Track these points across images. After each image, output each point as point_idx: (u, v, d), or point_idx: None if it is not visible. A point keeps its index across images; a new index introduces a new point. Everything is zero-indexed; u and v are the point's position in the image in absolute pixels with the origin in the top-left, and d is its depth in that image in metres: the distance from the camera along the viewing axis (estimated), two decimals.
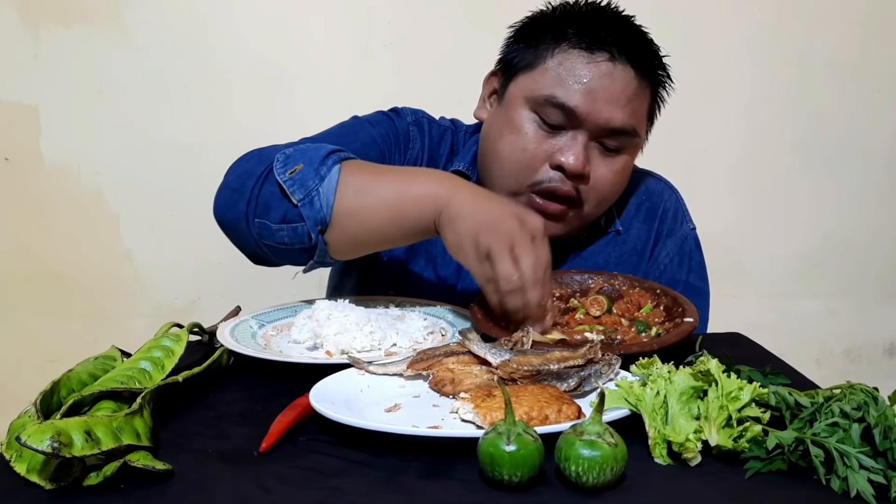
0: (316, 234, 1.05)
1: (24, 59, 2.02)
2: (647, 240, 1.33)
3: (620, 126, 1.17)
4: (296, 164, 1.05)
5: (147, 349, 0.94)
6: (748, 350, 1.11)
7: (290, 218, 1.04)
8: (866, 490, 0.67)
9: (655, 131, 1.30)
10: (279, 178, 1.05)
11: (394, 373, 0.91)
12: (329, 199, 1.04)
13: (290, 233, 1.05)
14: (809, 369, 1.01)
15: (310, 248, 1.07)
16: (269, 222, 1.06)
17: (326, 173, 1.04)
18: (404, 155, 1.30)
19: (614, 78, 1.15)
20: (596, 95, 1.15)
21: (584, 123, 1.16)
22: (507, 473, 0.67)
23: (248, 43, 2.06)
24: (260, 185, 1.06)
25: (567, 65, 1.16)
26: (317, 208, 1.03)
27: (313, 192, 1.03)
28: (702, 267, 1.36)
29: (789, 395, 0.80)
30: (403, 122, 1.33)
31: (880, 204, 2.32)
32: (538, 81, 1.18)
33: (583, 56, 1.16)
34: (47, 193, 2.10)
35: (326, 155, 1.06)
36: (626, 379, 0.82)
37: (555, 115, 1.16)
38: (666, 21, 2.15)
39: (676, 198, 1.38)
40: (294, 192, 1.03)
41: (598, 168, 1.19)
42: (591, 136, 1.17)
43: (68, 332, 2.12)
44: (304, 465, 0.74)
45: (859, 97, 2.24)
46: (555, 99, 1.15)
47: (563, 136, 1.17)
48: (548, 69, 1.18)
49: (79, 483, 0.69)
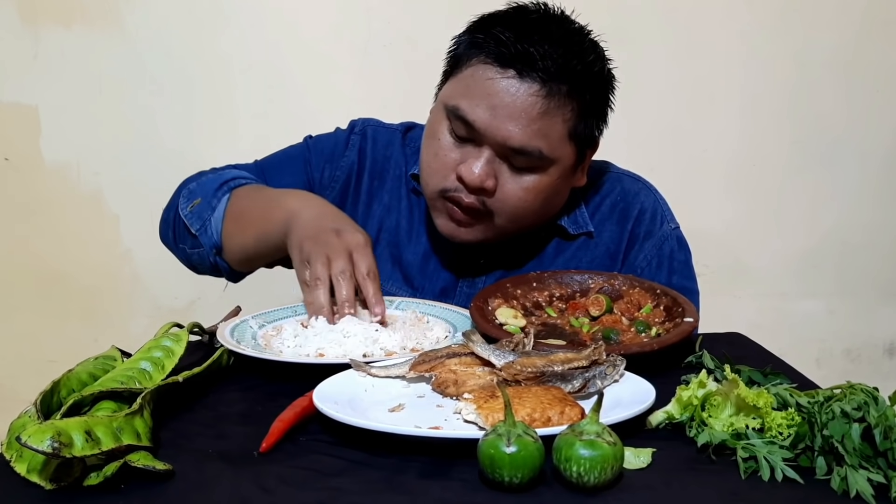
0: (213, 257, 1.26)
1: (23, 59, 2.02)
2: (619, 241, 1.29)
3: (519, 146, 1.11)
4: (195, 199, 1.26)
5: (147, 349, 0.94)
6: (748, 350, 1.11)
7: (195, 245, 1.26)
8: (866, 490, 0.67)
9: (655, 131, 1.30)
10: (181, 213, 1.26)
11: (396, 375, 0.91)
12: (218, 227, 1.23)
13: (199, 256, 1.28)
14: (809, 369, 1.01)
15: (215, 267, 1.28)
16: (186, 247, 1.29)
17: (217, 204, 1.24)
18: (337, 163, 1.34)
19: (518, 95, 1.10)
20: (497, 112, 1.10)
21: (485, 139, 1.13)
22: (507, 475, 0.67)
23: (247, 43, 2.06)
24: (175, 216, 1.29)
25: (476, 77, 1.13)
26: (209, 235, 1.24)
27: (207, 223, 1.24)
28: (687, 266, 1.32)
29: (790, 396, 0.80)
30: (345, 133, 1.37)
31: (880, 203, 2.32)
32: (453, 90, 1.16)
33: (491, 69, 1.11)
34: (47, 193, 2.10)
35: (219, 187, 1.25)
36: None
37: (460, 127, 1.14)
38: (665, 21, 2.16)
39: (655, 198, 1.33)
40: (192, 223, 1.25)
41: (507, 183, 1.15)
42: (496, 152, 1.13)
43: (68, 332, 2.12)
44: (304, 465, 0.74)
45: (858, 96, 2.24)
46: (458, 111, 1.13)
47: (470, 147, 1.15)
48: (461, 78, 1.15)
49: (79, 483, 0.69)
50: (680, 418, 0.81)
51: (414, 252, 1.32)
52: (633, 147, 2.12)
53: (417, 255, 1.32)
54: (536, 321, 1.11)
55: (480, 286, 1.27)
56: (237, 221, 1.22)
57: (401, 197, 1.33)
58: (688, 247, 1.33)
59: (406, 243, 1.32)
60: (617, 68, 1.22)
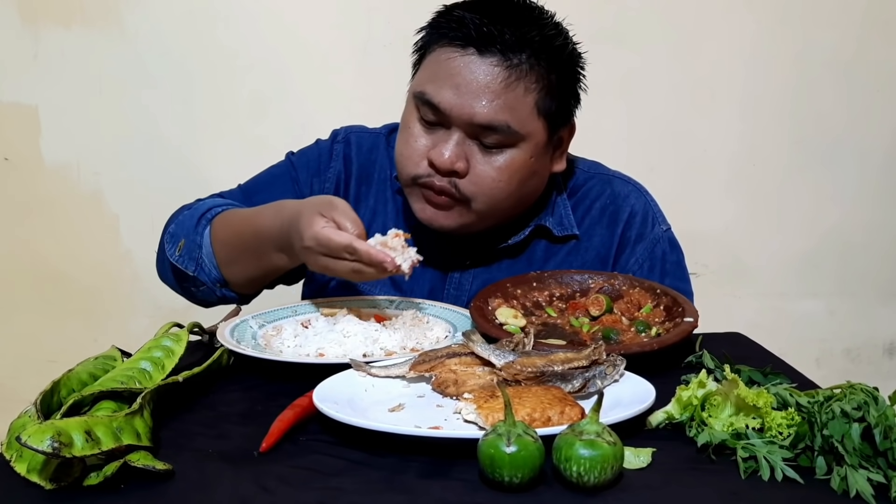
0: (220, 290, 1.22)
1: (23, 59, 2.02)
2: (610, 246, 1.29)
3: (486, 122, 1.12)
4: (179, 241, 1.22)
5: (147, 349, 0.94)
6: (748, 350, 1.11)
7: (197, 283, 1.22)
8: (866, 490, 0.67)
9: (655, 131, 1.29)
10: (171, 260, 1.22)
11: (396, 375, 0.91)
12: (213, 262, 1.20)
13: (204, 294, 1.24)
14: (809, 369, 1.01)
15: (224, 298, 1.24)
16: (190, 286, 1.24)
17: (201, 241, 1.20)
18: (324, 175, 1.32)
19: (479, 72, 1.11)
20: (461, 91, 1.12)
21: (452, 120, 1.13)
22: (507, 475, 0.67)
23: (247, 43, 2.05)
24: (169, 262, 1.24)
25: (439, 60, 1.15)
26: (207, 271, 1.20)
27: (200, 262, 1.20)
28: (679, 267, 1.32)
29: (790, 396, 0.80)
30: (328, 143, 1.36)
31: (880, 203, 2.32)
32: (419, 77, 1.19)
33: (452, 51, 1.13)
34: (47, 193, 2.10)
35: (197, 222, 1.22)
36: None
37: (428, 112, 1.15)
38: (665, 21, 2.16)
39: (646, 200, 1.32)
40: (187, 267, 1.21)
41: (478, 165, 1.15)
42: (466, 132, 1.14)
43: (68, 331, 2.12)
44: (304, 465, 0.74)
45: (858, 96, 2.24)
46: (424, 95, 1.14)
47: (438, 132, 1.16)
48: (426, 65, 1.18)
49: (79, 483, 0.69)
50: (680, 418, 0.81)
51: None
52: (633, 147, 2.12)
53: None
54: (536, 321, 1.11)
55: (467, 288, 1.27)
56: (231, 252, 1.18)
57: (386, 200, 1.33)
58: (680, 248, 1.33)
59: None
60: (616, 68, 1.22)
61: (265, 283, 1.25)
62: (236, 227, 1.19)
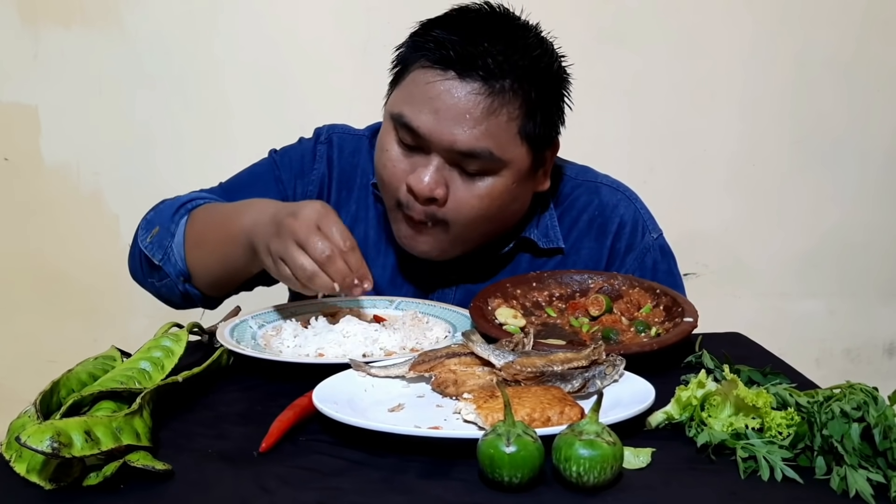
0: (182, 285, 1.18)
1: (23, 59, 2.02)
2: (599, 258, 1.26)
3: (467, 149, 1.07)
4: (153, 228, 1.19)
5: (147, 349, 0.94)
6: (748, 350, 1.11)
7: (162, 276, 1.19)
8: (865, 490, 0.67)
9: (655, 131, 1.29)
10: (141, 246, 1.19)
11: (395, 375, 0.91)
12: (181, 253, 1.16)
13: (167, 288, 1.21)
14: (809, 369, 1.01)
15: (187, 296, 1.20)
16: (154, 281, 1.21)
17: (175, 229, 1.17)
18: (308, 177, 1.29)
19: (460, 97, 1.06)
20: (440, 116, 1.07)
21: (432, 146, 1.09)
22: (507, 475, 0.67)
23: (247, 43, 2.05)
24: (139, 250, 1.21)
25: (417, 82, 1.09)
26: (173, 263, 1.17)
27: (168, 250, 1.17)
28: (671, 275, 1.29)
29: (790, 396, 0.80)
30: (311, 143, 1.32)
31: (880, 203, 2.32)
32: (396, 97, 1.13)
33: (432, 73, 1.08)
34: (47, 193, 2.10)
35: (175, 211, 1.18)
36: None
37: (406, 135, 1.10)
38: (665, 21, 2.16)
39: (635, 209, 1.28)
40: (154, 254, 1.17)
41: (458, 191, 1.11)
42: (445, 158, 1.09)
43: (68, 331, 2.12)
44: (304, 465, 0.74)
45: (858, 96, 2.24)
46: (402, 118, 1.09)
47: (418, 156, 1.11)
48: (404, 86, 1.12)
49: (79, 483, 0.69)
50: (679, 418, 0.81)
51: (383, 265, 1.28)
52: (633, 147, 2.13)
53: (387, 269, 1.28)
54: (536, 321, 1.11)
55: (450, 299, 1.25)
56: (199, 245, 1.15)
57: (368, 206, 1.29)
58: (672, 254, 1.31)
59: (375, 256, 1.27)
60: (616, 68, 1.22)
61: (227, 282, 1.20)
62: (213, 218, 1.16)
